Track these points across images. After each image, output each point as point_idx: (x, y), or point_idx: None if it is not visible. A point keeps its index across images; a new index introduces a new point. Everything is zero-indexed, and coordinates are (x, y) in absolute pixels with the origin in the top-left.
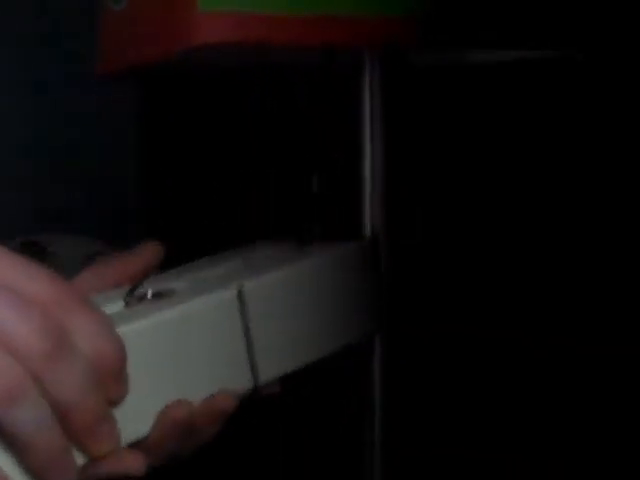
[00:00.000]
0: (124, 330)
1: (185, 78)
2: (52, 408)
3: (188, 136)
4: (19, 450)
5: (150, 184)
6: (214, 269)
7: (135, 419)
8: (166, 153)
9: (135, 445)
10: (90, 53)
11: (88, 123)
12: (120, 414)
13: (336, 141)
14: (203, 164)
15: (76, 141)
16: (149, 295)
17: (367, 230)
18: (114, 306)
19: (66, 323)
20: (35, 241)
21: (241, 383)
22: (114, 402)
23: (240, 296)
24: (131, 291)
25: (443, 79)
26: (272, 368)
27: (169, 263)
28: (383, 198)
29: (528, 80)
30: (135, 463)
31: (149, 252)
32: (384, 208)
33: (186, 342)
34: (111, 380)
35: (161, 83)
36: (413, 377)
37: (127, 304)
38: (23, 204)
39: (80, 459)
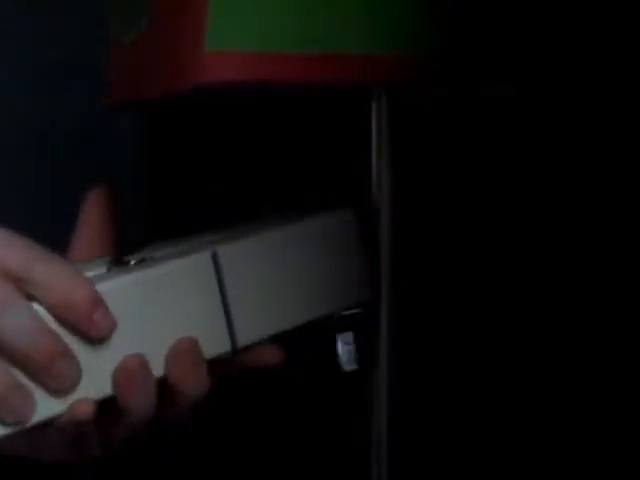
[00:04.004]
0: (98, 288)
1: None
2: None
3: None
4: None
5: (153, 185)
6: (201, 238)
7: (104, 375)
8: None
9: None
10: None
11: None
12: (89, 369)
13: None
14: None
15: (77, 142)
16: (132, 262)
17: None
18: (97, 270)
19: (21, 274)
20: None
21: (218, 346)
22: (97, 339)
23: (214, 258)
24: (114, 259)
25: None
26: (250, 331)
27: None
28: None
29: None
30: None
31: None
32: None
33: (161, 303)
34: (83, 321)
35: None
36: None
37: (109, 270)
38: (23, 205)
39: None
